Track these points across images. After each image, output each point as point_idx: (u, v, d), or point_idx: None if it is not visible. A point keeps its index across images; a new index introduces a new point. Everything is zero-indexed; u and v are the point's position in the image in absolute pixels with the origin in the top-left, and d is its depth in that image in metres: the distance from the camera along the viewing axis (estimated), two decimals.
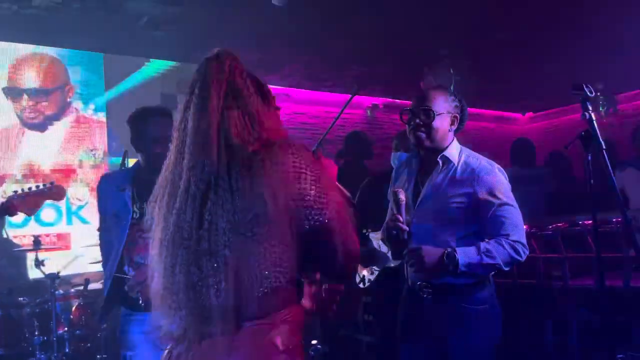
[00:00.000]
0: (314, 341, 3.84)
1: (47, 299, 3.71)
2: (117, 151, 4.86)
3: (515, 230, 2.07)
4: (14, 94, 4.72)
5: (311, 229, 1.24)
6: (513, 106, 8.79)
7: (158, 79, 5.42)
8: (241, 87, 1.30)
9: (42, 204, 2.50)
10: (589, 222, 3.31)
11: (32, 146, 4.76)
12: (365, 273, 3.44)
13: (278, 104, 1.42)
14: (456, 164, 2.17)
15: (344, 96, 6.86)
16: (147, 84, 5.32)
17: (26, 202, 2.43)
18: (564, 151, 4.43)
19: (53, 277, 3.63)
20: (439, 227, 2.11)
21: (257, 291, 1.20)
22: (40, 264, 3.68)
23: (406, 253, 2.10)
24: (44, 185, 2.52)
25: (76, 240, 4.77)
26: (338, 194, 1.33)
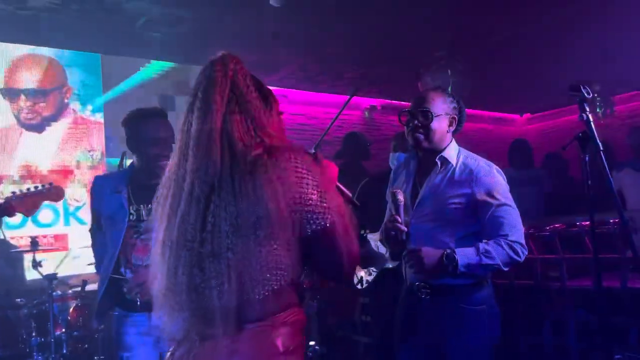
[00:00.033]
0: (312, 342, 3.84)
1: (44, 300, 3.70)
2: (114, 152, 4.86)
3: (513, 230, 2.07)
4: (11, 94, 4.71)
5: (312, 233, 1.25)
6: (511, 107, 8.81)
7: (156, 80, 5.42)
8: (244, 91, 1.30)
9: (41, 205, 2.50)
10: (587, 223, 3.31)
11: (30, 147, 4.75)
12: (363, 274, 3.44)
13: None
14: (454, 165, 2.17)
15: (341, 97, 6.86)
16: (145, 85, 5.32)
17: (25, 202, 2.43)
18: (560, 152, 4.46)
19: (50, 278, 3.62)
20: (438, 228, 2.12)
21: (259, 294, 1.21)
22: (38, 265, 3.67)
23: (405, 254, 2.10)
24: (42, 186, 2.52)
25: (74, 241, 4.75)
26: (339, 197, 1.34)
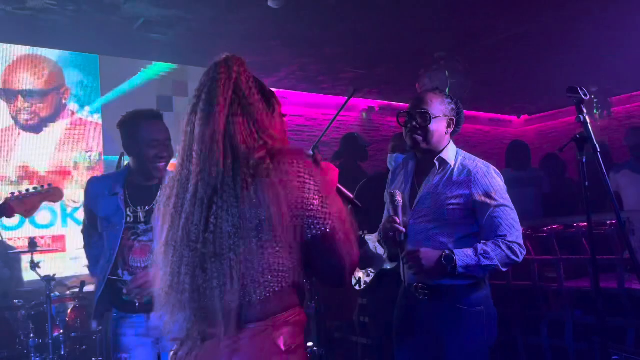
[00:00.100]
0: (310, 343, 3.84)
1: (42, 301, 3.69)
2: (113, 150, 4.86)
3: (511, 231, 2.08)
4: (9, 95, 4.71)
5: (313, 237, 1.27)
6: (508, 109, 8.83)
7: (154, 81, 5.42)
8: (247, 93, 1.31)
9: (40, 206, 2.50)
10: (584, 224, 3.33)
11: (27, 148, 4.74)
12: (362, 275, 3.44)
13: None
14: (453, 166, 2.18)
15: (340, 98, 6.88)
16: (144, 86, 5.32)
17: (24, 203, 2.43)
18: (557, 153, 4.47)
19: (48, 279, 3.62)
20: (436, 229, 2.13)
21: (260, 294, 1.23)
22: (36, 266, 3.67)
23: (404, 255, 2.11)
24: (41, 187, 2.52)
25: (71, 242, 4.75)
26: (340, 202, 1.35)
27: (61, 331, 3.74)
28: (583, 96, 2.09)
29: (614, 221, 3.23)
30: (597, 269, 2.21)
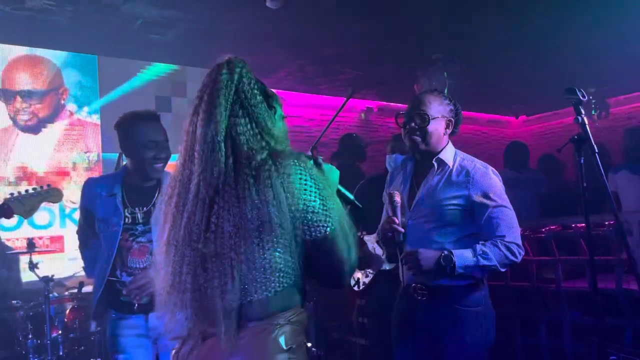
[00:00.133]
0: (309, 344, 3.84)
1: (40, 302, 3.69)
2: (111, 150, 4.86)
3: (510, 231, 2.09)
4: (7, 96, 4.70)
5: (313, 239, 1.28)
6: (506, 109, 8.84)
7: (153, 81, 5.42)
8: (249, 94, 1.32)
9: (39, 207, 2.50)
10: (582, 225, 3.34)
11: (26, 148, 4.74)
12: (360, 276, 3.45)
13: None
14: (451, 166, 2.19)
15: (338, 99, 6.88)
16: (142, 87, 5.32)
17: (23, 204, 2.43)
18: (555, 154, 4.48)
19: (47, 280, 3.61)
20: (435, 229, 2.13)
21: (261, 294, 1.24)
22: (34, 266, 3.66)
23: (403, 256, 2.12)
24: (40, 187, 2.52)
25: (70, 243, 4.74)
26: (340, 204, 1.36)
27: (60, 332, 3.74)
28: (581, 97, 2.10)
29: (611, 222, 3.24)
30: (595, 270, 2.22)
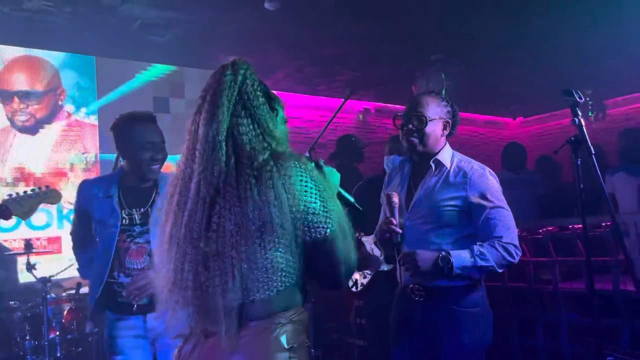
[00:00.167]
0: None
1: (38, 303, 3.68)
2: (109, 150, 4.85)
3: (507, 232, 2.10)
4: (4, 96, 4.70)
5: (313, 240, 1.29)
6: (504, 111, 8.86)
7: (151, 82, 5.41)
8: (252, 96, 1.34)
9: (37, 208, 2.50)
10: (579, 226, 3.35)
11: (23, 149, 4.73)
12: (358, 277, 3.45)
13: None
14: (449, 167, 2.19)
15: (336, 100, 6.89)
16: (140, 87, 5.32)
17: (22, 205, 2.42)
18: (552, 155, 4.49)
19: (44, 280, 3.61)
20: (432, 230, 2.14)
21: (263, 293, 1.25)
22: (32, 267, 3.66)
23: (400, 257, 2.12)
24: (39, 188, 2.51)
25: (67, 244, 4.71)
26: (340, 206, 1.37)
27: (57, 333, 3.73)
28: (578, 99, 2.11)
29: (608, 223, 3.25)
30: (592, 271, 2.23)
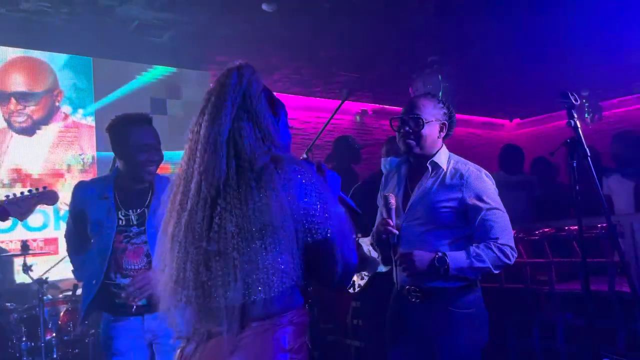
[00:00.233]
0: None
1: (34, 304, 3.67)
2: (106, 149, 4.83)
3: (503, 233, 2.10)
4: (1, 97, 4.69)
5: (314, 242, 1.30)
6: (500, 112, 8.88)
7: (148, 83, 5.41)
8: (255, 100, 1.35)
9: (35, 209, 2.49)
10: (575, 227, 3.36)
11: (20, 150, 4.72)
12: (355, 278, 3.45)
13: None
14: (445, 169, 2.20)
15: (333, 102, 6.90)
16: (137, 88, 5.31)
17: (19, 206, 2.41)
18: (549, 157, 4.50)
19: (41, 282, 3.60)
20: (429, 232, 2.15)
21: (264, 294, 1.25)
22: (29, 269, 3.65)
23: (397, 258, 2.13)
24: (36, 189, 2.51)
25: (64, 245, 4.71)
26: (341, 209, 1.39)
27: (54, 334, 3.73)
28: (574, 101, 2.12)
29: (604, 225, 3.26)
30: (588, 272, 2.24)
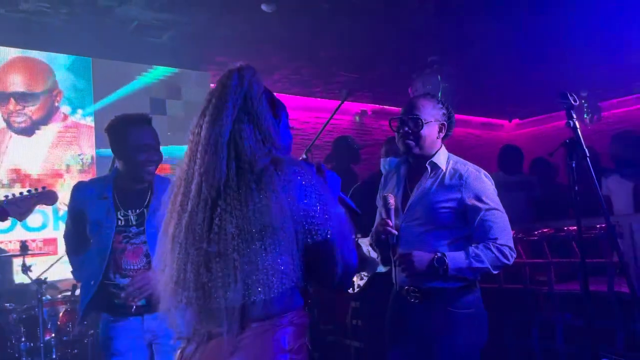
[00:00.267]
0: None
1: (33, 304, 3.67)
2: (105, 147, 4.82)
3: (502, 234, 2.11)
4: (0, 98, 4.69)
5: (314, 243, 1.30)
6: (500, 113, 8.89)
7: (147, 84, 5.41)
8: (256, 102, 1.35)
9: (34, 209, 2.49)
10: (574, 228, 3.36)
11: (19, 151, 4.72)
12: (355, 278, 3.46)
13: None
14: (444, 170, 2.20)
15: (333, 102, 6.90)
16: (137, 89, 5.31)
17: (18, 206, 2.42)
18: (548, 158, 4.50)
19: (40, 282, 3.60)
20: (428, 232, 2.15)
21: (265, 295, 1.25)
22: (28, 269, 3.65)
23: (396, 258, 2.13)
24: (35, 189, 2.51)
25: (63, 246, 4.71)
26: (341, 210, 1.39)
27: (53, 335, 3.72)
28: (573, 102, 2.13)
29: (603, 225, 3.27)
30: (587, 272, 2.24)
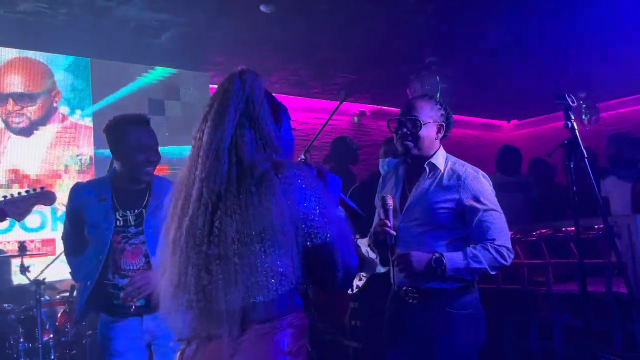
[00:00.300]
0: None
1: (32, 305, 3.66)
2: (104, 146, 4.82)
3: (500, 234, 2.11)
4: None
5: (313, 247, 1.31)
6: (498, 113, 8.90)
7: (146, 84, 5.40)
8: (258, 107, 1.36)
9: (32, 209, 2.49)
10: (572, 228, 3.37)
11: (18, 151, 4.71)
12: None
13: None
14: (442, 170, 2.21)
15: (331, 103, 6.90)
16: (135, 89, 5.30)
17: (16, 207, 2.41)
18: (546, 158, 4.51)
19: (38, 283, 3.59)
20: (426, 232, 2.15)
21: (265, 297, 1.26)
22: (26, 270, 3.64)
23: (394, 258, 2.14)
24: (34, 190, 2.51)
25: (61, 246, 4.71)
26: (341, 214, 1.40)
27: (51, 335, 3.71)
28: (570, 103, 2.13)
29: (601, 226, 3.27)
30: (585, 273, 2.25)
